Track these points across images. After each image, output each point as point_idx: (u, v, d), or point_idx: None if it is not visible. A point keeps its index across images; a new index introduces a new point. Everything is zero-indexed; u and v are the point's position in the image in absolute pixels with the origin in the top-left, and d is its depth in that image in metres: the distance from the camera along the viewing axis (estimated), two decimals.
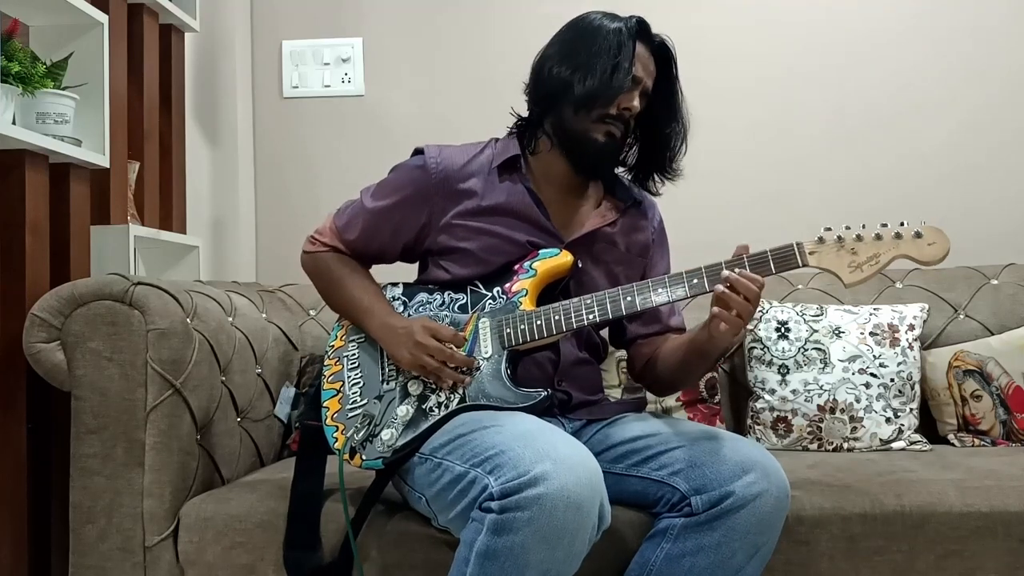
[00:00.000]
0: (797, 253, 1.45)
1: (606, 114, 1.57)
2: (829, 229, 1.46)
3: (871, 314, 2.19)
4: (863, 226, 1.46)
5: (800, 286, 2.38)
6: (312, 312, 2.34)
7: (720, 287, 1.43)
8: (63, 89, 1.92)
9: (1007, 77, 2.66)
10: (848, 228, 1.45)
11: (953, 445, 2.15)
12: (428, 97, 2.79)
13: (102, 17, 2.05)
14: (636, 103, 1.58)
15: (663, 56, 1.62)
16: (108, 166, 2.06)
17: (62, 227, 1.93)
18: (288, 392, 1.78)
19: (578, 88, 1.55)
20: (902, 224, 1.44)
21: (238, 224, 2.75)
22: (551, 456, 1.28)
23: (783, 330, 2.17)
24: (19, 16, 1.92)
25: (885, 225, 1.45)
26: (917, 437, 2.11)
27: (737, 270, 1.43)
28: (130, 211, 2.27)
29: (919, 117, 2.68)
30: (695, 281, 1.47)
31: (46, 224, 1.87)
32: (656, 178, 1.70)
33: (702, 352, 1.57)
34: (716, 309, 1.45)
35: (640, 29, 1.59)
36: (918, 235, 1.43)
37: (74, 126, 1.94)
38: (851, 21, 2.70)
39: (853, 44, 2.70)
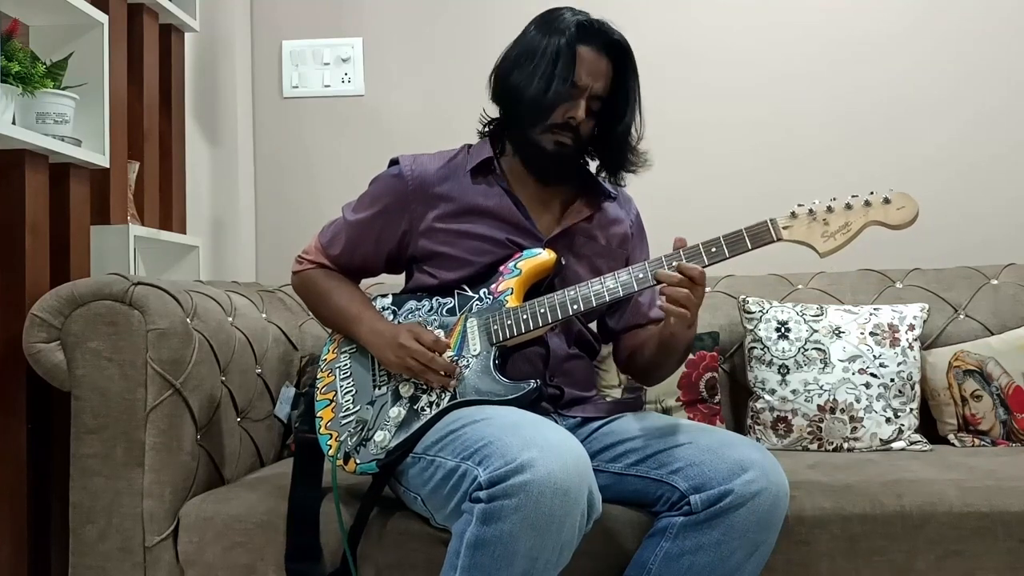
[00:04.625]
0: (771, 228, 1.47)
1: (552, 124, 1.59)
2: (802, 204, 1.48)
3: (871, 314, 2.19)
4: (833, 198, 1.48)
5: (800, 286, 2.38)
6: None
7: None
8: (63, 89, 1.92)
9: (1008, 77, 2.66)
10: (819, 201, 1.47)
11: (953, 445, 2.15)
12: (428, 97, 2.79)
13: (102, 17, 2.05)
14: (581, 112, 1.59)
15: (618, 54, 1.62)
16: (108, 166, 2.06)
17: (62, 227, 1.93)
18: (288, 392, 1.78)
19: (521, 100, 1.58)
20: (871, 193, 1.47)
21: (238, 224, 2.75)
22: (537, 443, 1.29)
23: (783, 330, 2.17)
24: (19, 16, 1.92)
25: (855, 195, 1.47)
26: (917, 437, 2.11)
27: (675, 264, 1.46)
28: (130, 211, 2.27)
29: (920, 117, 2.68)
30: (675, 264, 1.49)
31: (46, 224, 1.87)
32: (620, 172, 1.71)
33: (667, 345, 1.60)
34: (659, 302, 1.47)
35: (583, 33, 1.58)
36: (887, 201, 1.46)
37: (74, 126, 1.94)
38: (852, 23, 2.70)
39: (855, 45, 2.70)
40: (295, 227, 2.72)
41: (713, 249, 1.48)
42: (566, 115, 1.59)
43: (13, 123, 1.80)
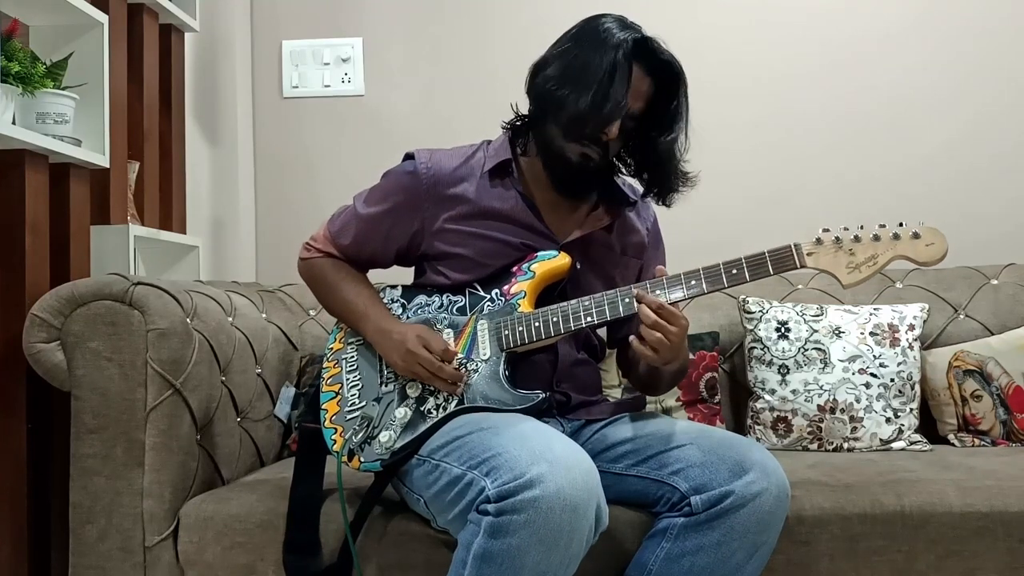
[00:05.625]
0: (795, 254, 1.45)
1: (583, 137, 1.55)
2: (827, 230, 1.45)
3: (871, 314, 2.19)
4: (861, 227, 1.45)
5: (800, 286, 2.38)
6: (312, 312, 2.34)
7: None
8: (63, 89, 1.92)
9: (1009, 78, 2.66)
10: (846, 229, 1.45)
11: (953, 445, 2.15)
12: (428, 97, 2.79)
13: (102, 17, 2.05)
14: (615, 129, 1.54)
15: (667, 75, 1.57)
16: (108, 166, 2.06)
17: (62, 227, 1.93)
18: (288, 392, 1.79)
19: (565, 112, 1.53)
20: (900, 225, 1.44)
21: (238, 224, 2.75)
22: (547, 458, 1.28)
23: (783, 330, 2.17)
24: (19, 16, 1.92)
25: (883, 226, 1.44)
26: (917, 437, 2.11)
27: (645, 300, 1.45)
28: (130, 211, 2.27)
29: (921, 118, 2.68)
30: (692, 283, 1.47)
31: (46, 224, 1.87)
32: (670, 195, 1.66)
33: (653, 370, 1.61)
34: (631, 339, 1.47)
35: (638, 51, 1.53)
36: (916, 236, 1.43)
37: (74, 126, 1.94)
38: (852, 23, 2.70)
39: (855, 45, 2.70)
40: (295, 227, 2.70)
41: (734, 271, 1.46)
42: (601, 131, 1.54)
43: (13, 123, 1.80)
